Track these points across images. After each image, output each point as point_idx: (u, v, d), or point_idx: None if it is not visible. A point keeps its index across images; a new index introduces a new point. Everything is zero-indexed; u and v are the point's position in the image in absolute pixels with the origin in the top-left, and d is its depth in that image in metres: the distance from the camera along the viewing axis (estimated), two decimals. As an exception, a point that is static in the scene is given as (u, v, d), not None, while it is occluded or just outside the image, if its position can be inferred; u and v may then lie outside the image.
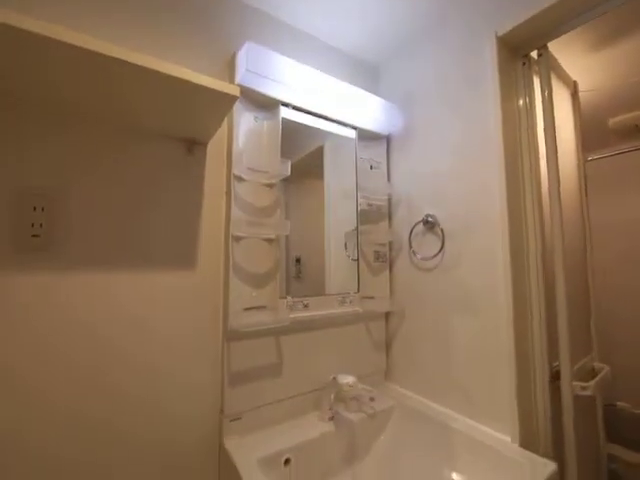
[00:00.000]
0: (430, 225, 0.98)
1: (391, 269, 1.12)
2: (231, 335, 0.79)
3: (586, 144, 1.27)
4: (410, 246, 1.03)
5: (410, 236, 1.02)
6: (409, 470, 0.77)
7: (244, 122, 0.86)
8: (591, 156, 1.53)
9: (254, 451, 0.71)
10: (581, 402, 0.86)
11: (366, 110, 1.02)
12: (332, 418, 0.85)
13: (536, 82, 0.91)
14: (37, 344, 0.61)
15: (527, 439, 0.74)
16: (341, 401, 0.88)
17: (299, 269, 0.96)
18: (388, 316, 1.11)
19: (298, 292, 0.92)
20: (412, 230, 1.02)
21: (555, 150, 0.88)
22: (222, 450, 0.77)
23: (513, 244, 0.79)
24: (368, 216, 1.08)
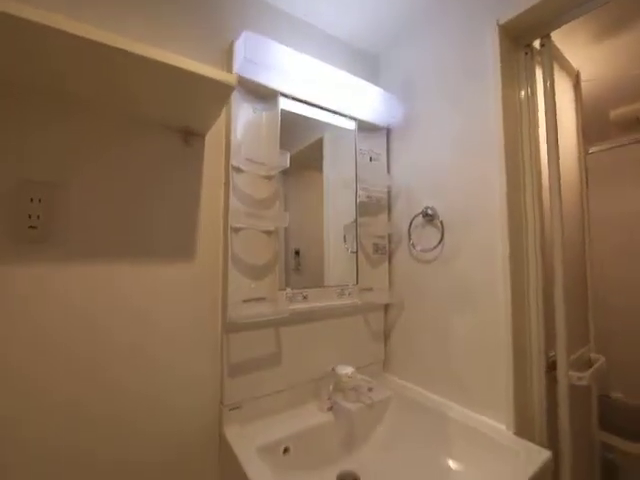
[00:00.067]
0: (429, 217, 0.98)
1: (390, 261, 1.12)
2: (230, 327, 0.79)
3: (587, 136, 1.26)
4: (409, 238, 1.03)
5: (409, 228, 1.02)
6: (407, 458, 0.79)
7: (243, 113, 0.85)
8: (592, 149, 1.52)
9: (253, 440, 0.72)
10: (576, 392, 0.87)
11: (366, 101, 1.01)
12: (331, 408, 0.86)
13: (538, 73, 0.90)
14: (36, 336, 0.61)
15: (522, 427, 0.75)
16: (340, 391, 0.89)
17: (298, 261, 0.96)
18: (387, 308, 1.12)
19: (297, 284, 0.92)
20: (411, 222, 1.02)
21: (556, 142, 0.87)
22: (222, 440, 0.78)
23: (512, 236, 0.79)
24: (367, 208, 1.08)
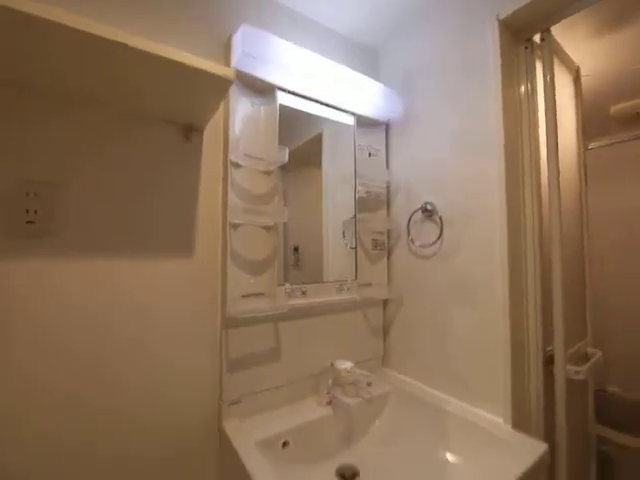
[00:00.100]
0: (429, 213, 0.97)
1: (389, 257, 1.12)
2: (229, 322, 0.79)
3: (586, 132, 1.26)
4: (408, 234, 1.03)
5: (408, 224, 1.02)
6: (405, 451, 0.79)
7: (241, 108, 0.85)
8: (591, 145, 1.52)
9: (253, 434, 0.73)
10: (573, 386, 0.88)
11: (365, 95, 1.00)
12: (330, 402, 0.87)
13: (538, 67, 0.90)
14: (34, 331, 0.61)
15: (520, 421, 0.76)
16: (339, 386, 0.89)
17: (297, 258, 0.96)
18: (386, 303, 1.12)
19: (296, 280, 0.92)
20: (410, 218, 1.02)
21: (556, 138, 0.87)
22: (222, 434, 0.78)
23: (511, 232, 0.79)
24: (366, 204, 1.08)
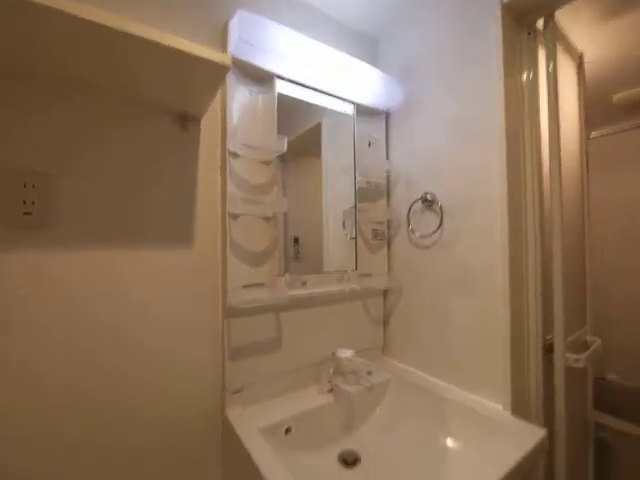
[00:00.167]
0: (429, 203, 0.97)
1: (389, 247, 1.12)
2: (230, 312, 0.80)
3: (589, 120, 1.24)
4: (408, 224, 1.03)
5: (408, 214, 1.02)
6: (406, 437, 0.81)
7: (238, 96, 0.83)
8: (593, 133, 1.50)
9: (256, 421, 0.74)
10: (572, 373, 0.89)
11: (365, 83, 0.99)
12: (331, 390, 0.88)
13: (541, 54, 0.88)
14: (33, 324, 0.61)
15: (519, 408, 0.77)
16: (340, 374, 0.90)
17: (297, 249, 0.96)
18: (386, 293, 1.13)
19: (296, 271, 0.92)
20: (410, 208, 1.01)
21: (557, 127, 0.86)
22: (225, 423, 0.79)
23: (512, 221, 0.79)
24: (366, 194, 1.07)
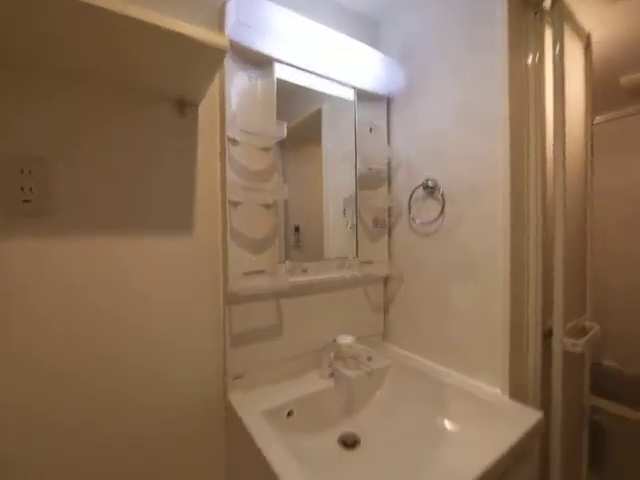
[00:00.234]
0: (430, 190, 0.96)
1: (390, 234, 1.12)
2: (231, 299, 0.80)
3: (594, 104, 1.22)
4: (409, 211, 1.02)
5: (410, 201, 1.01)
6: (405, 420, 0.82)
7: (237, 81, 0.82)
8: (597, 118, 1.47)
9: (258, 405, 0.75)
10: (570, 358, 0.90)
11: (366, 66, 0.96)
12: (332, 375, 0.89)
13: (547, 35, 0.86)
14: (33, 311, 0.61)
15: (517, 392, 0.78)
16: (340, 359, 0.91)
17: (298, 238, 0.96)
18: (386, 280, 1.13)
19: (297, 259, 0.92)
20: (412, 195, 1.01)
21: (563, 111, 0.84)
22: (228, 408, 0.80)
23: (514, 208, 0.78)
24: (367, 181, 1.06)
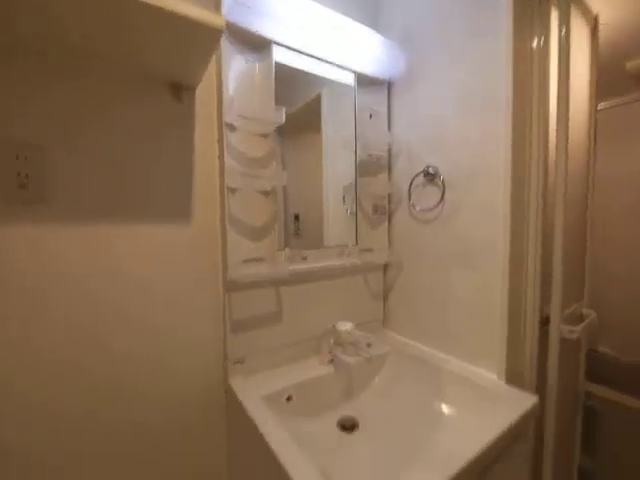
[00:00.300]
0: (430, 176, 0.95)
1: (390, 221, 1.11)
2: (231, 286, 0.81)
3: (599, 88, 1.19)
4: (409, 198, 1.01)
5: (410, 188, 1.00)
6: (403, 404, 0.84)
7: (234, 65, 0.80)
8: (601, 104, 1.44)
9: (258, 390, 0.76)
10: (567, 345, 0.91)
11: (366, 49, 0.94)
12: (331, 361, 0.90)
13: (554, 17, 0.83)
14: (33, 299, 0.61)
15: (513, 377, 0.79)
16: (339, 346, 0.92)
17: (298, 226, 0.96)
18: (386, 268, 1.13)
19: (297, 247, 0.92)
20: (412, 182, 1.00)
21: (567, 96, 0.83)
22: (228, 393, 0.82)
23: (514, 194, 0.77)
24: (367, 168, 1.05)
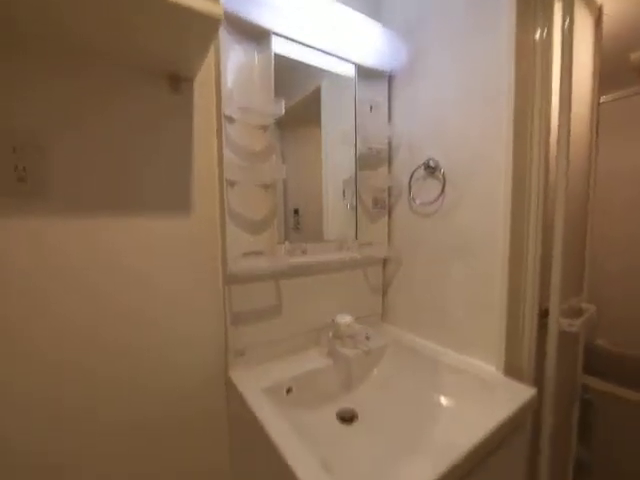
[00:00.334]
0: (431, 170, 0.94)
1: (390, 215, 1.11)
2: (231, 278, 0.81)
3: (602, 80, 1.18)
4: (410, 191, 1.01)
5: (410, 181, 1.00)
6: (401, 396, 0.84)
7: (233, 56, 0.79)
8: (603, 98, 1.43)
9: (258, 382, 0.77)
10: (565, 338, 0.91)
11: (367, 40, 0.93)
12: (330, 353, 0.91)
13: (557, 7, 0.82)
14: (32, 293, 0.61)
15: (511, 369, 0.80)
16: (338, 339, 0.93)
17: (297, 220, 0.95)
18: (386, 261, 1.13)
19: (297, 241, 0.92)
20: (412, 175, 0.99)
21: (569, 89, 0.82)
22: (229, 386, 0.82)
23: (515, 187, 0.77)
24: (367, 161, 1.04)
